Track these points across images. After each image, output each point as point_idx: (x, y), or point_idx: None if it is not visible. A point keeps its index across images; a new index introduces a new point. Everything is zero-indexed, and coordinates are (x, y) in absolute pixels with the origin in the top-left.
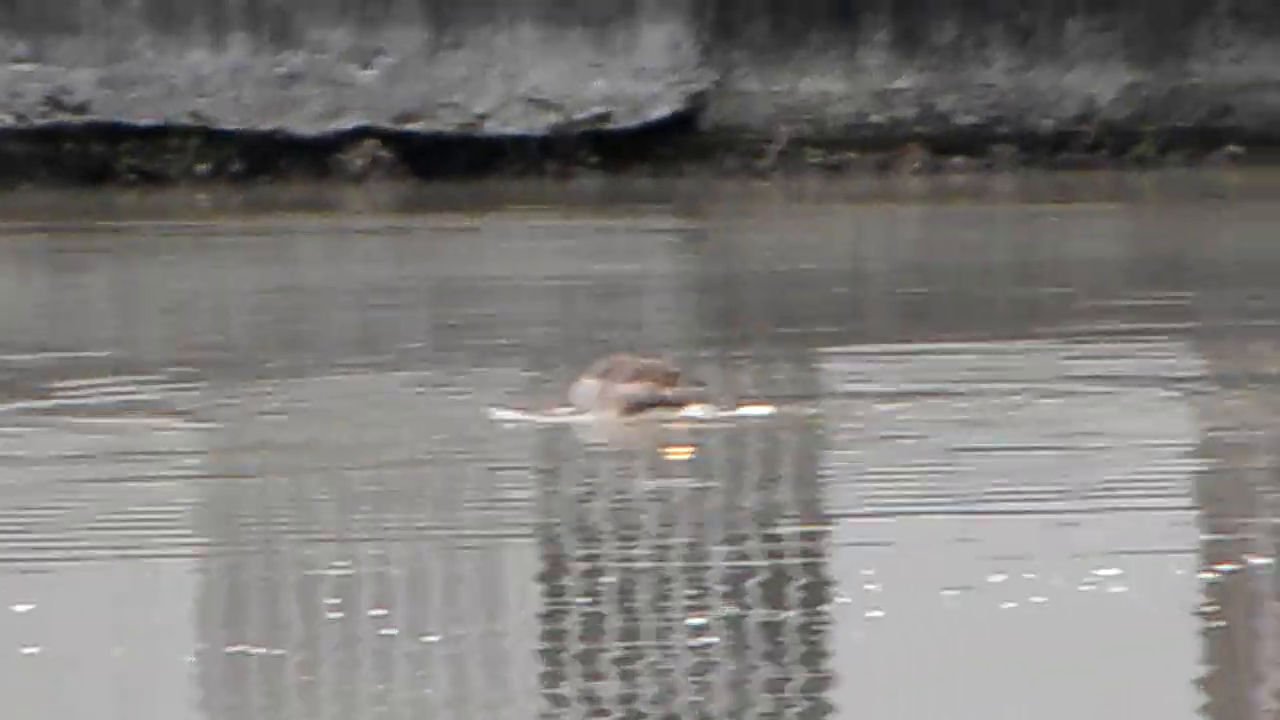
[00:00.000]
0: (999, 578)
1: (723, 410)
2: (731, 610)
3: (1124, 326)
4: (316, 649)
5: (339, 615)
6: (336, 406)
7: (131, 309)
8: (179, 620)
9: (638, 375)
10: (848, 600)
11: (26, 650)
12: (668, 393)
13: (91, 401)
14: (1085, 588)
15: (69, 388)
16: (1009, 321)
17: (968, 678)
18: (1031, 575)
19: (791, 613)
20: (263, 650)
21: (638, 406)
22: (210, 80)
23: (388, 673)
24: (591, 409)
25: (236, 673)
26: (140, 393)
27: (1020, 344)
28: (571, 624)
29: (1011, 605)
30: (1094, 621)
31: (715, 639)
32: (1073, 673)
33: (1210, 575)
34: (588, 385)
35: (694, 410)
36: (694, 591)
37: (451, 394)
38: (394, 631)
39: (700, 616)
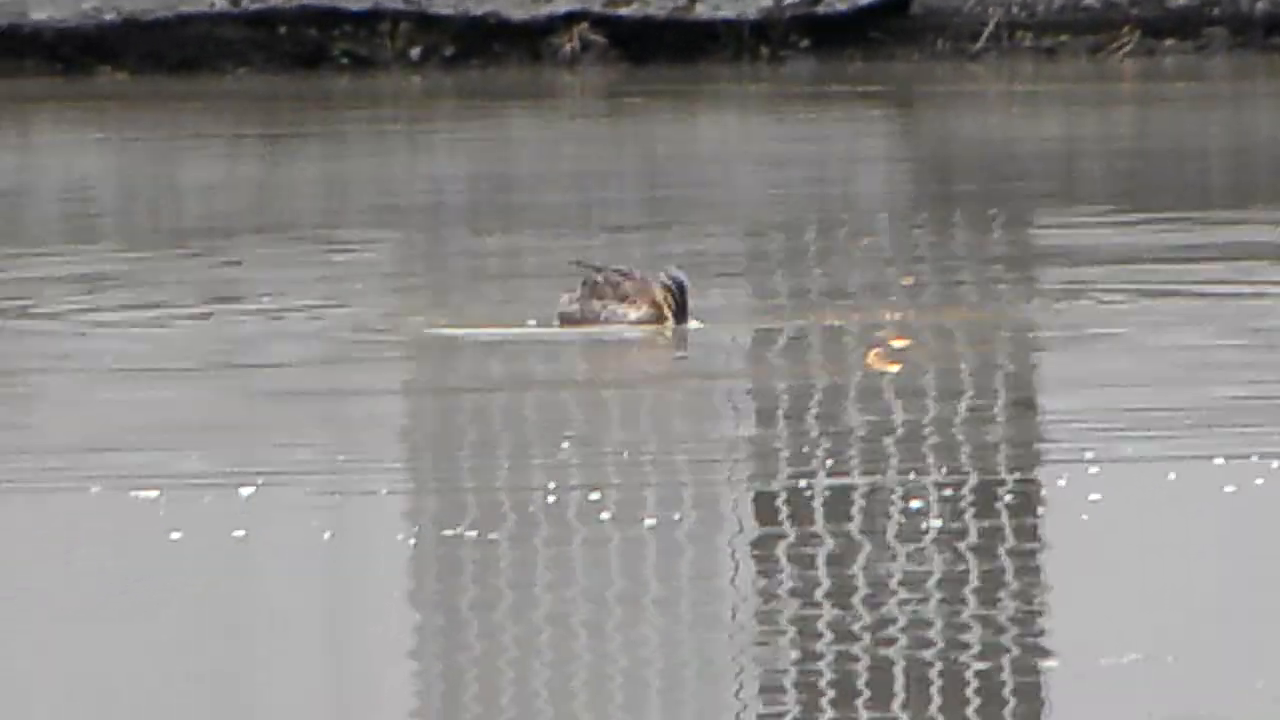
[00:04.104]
0: (1220, 461)
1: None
2: (949, 494)
3: None
4: (531, 533)
5: (554, 500)
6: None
7: (343, 191)
8: (392, 511)
9: (628, 296)
10: (1067, 483)
11: (237, 533)
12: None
13: (305, 295)
14: None
15: (280, 280)
16: (1224, 202)
17: (1187, 557)
18: (1255, 458)
19: (1011, 496)
20: (475, 533)
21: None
22: None
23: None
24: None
25: (451, 556)
26: (348, 277)
27: (1235, 225)
28: (783, 500)
29: (1232, 489)
30: None
31: (938, 521)
32: None
33: None
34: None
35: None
36: (913, 475)
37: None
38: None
39: (918, 499)
